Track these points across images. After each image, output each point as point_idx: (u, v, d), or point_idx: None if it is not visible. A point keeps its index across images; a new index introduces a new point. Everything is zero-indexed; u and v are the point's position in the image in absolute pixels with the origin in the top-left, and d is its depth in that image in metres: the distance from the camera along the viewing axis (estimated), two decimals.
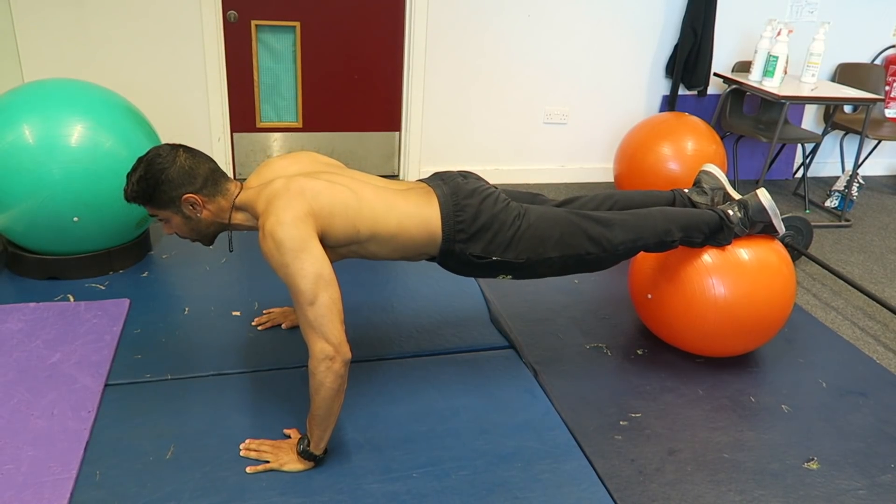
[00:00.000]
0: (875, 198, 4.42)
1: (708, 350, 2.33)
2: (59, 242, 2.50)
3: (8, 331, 2.22)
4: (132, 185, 1.76)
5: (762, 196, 2.17)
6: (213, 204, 1.79)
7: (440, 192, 1.87)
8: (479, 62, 3.89)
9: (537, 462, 1.85)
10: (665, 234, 2.08)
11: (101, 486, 1.67)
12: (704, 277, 2.19)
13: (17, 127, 2.35)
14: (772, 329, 2.27)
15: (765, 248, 2.23)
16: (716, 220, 2.16)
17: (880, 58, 4.46)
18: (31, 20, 3.25)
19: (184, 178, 1.74)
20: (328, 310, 1.62)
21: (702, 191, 2.34)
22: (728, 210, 2.19)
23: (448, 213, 1.84)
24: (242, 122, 3.76)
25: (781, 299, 2.22)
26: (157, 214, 1.81)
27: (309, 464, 1.76)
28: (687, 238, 2.12)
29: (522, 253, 1.90)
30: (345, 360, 1.64)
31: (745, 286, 2.17)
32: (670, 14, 4.03)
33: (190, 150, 1.79)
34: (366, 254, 1.85)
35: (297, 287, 1.61)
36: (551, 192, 4.09)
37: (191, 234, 1.86)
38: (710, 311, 2.19)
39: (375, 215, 1.78)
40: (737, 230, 2.18)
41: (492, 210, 1.87)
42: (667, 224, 2.08)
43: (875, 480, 1.90)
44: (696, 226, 2.13)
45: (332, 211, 1.72)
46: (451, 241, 1.85)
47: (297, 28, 3.63)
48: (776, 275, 2.21)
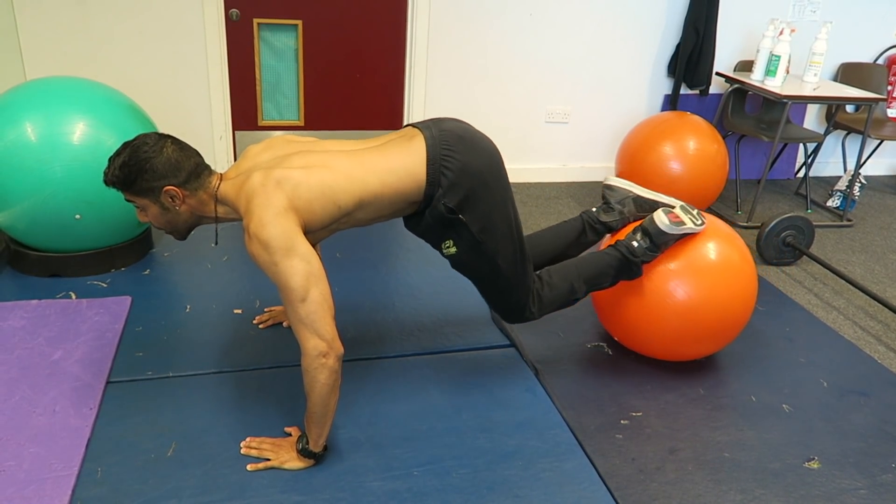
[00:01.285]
0: (877, 198, 4.42)
1: (671, 354, 2.27)
2: (62, 240, 2.50)
3: (10, 328, 2.22)
4: (114, 169, 1.72)
5: (658, 220, 2.07)
6: (194, 198, 1.76)
7: (428, 135, 1.80)
8: (480, 61, 3.89)
9: (538, 461, 1.85)
10: (570, 293, 2.06)
11: (102, 483, 1.67)
12: (665, 281, 2.12)
13: (20, 124, 2.36)
14: (735, 329, 2.21)
15: (727, 247, 2.15)
16: (619, 260, 2.09)
17: (883, 57, 4.45)
18: (33, 18, 3.26)
19: (168, 169, 1.71)
20: (319, 306, 1.61)
21: (608, 208, 2.27)
22: (632, 242, 2.10)
23: (435, 157, 1.77)
24: (244, 120, 3.77)
25: (743, 298, 2.15)
26: (133, 201, 1.77)
27: (309, 462, 1.76)
28: (594, 287, 2.10)
29: (485, 233, 1.84)
30: (338, 355, 1.63)
31: (706, 288, 2.10)
32: (672, 13, 4.03)
33: (178, 142, 1.76)
34: (355, 223, 1.81)
35: (288, 285, 1.60)
36: (553, 191, 4.10)
37: (166, 226, 1.82)
38: (671, 315, 2.12)
39: (353, 185, 1.73)
40: (645, 259, 2.10)
41: (482, 169, 1.81)
42: (570, 282, 2.06)
43: (876, 480, 1.90)
44: (600, 272, 2.09)
45: (310, 199, 1.68)
46: (434, 186, 1.77)
47: (299, 26, 3.63)
48: (738, 274, 2.14)
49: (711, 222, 2.22)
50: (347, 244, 2.90)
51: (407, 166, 1.77)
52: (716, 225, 2.22)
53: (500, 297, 1.99)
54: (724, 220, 3.77)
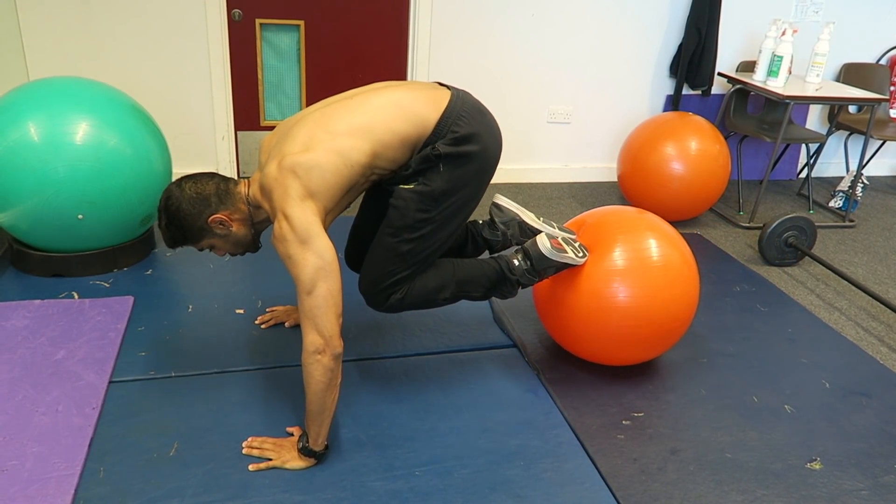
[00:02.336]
0: (879, 198, 4.41)
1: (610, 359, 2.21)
2: (64, 240, 2.51)
3: (13, 328, 2.23)
4: (164, 233, 1.83)
5: (541, 244, 2.00)
6: (237, 213, 1.82)
7: (455, 96, 1.82)
8: (482, 61, 3.89)
9: (540, 461, 1.85)
10: (438, 290, 1.94)
11: (105, 483, 1.67)
12: (607, 284, 2.05)
13: (23, 125, 2.36)
14: (677, 333, 2.15)
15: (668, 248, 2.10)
16: (497, 272, 2.02)
17: (885, 58, 4.44)
18: (36, 18, 3.26)
19: (198, 205, 1.78)
20: (324, 301, 1.62)
21: (493, 226, 2.18)
22: (513, 259, 2.03)
23: (452, 114, 1.78)
24: (246, 120, 3.77)
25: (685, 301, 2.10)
26: (201, 247, 1.86)
27: (311, 461, 1.76)
28: (464, 294, 2.00)
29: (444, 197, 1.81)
30: (334, 353, 1.64)
31: (648, 290, 2.04)
32: (674, 13, 4.03)
33: (191, 177, 1.82)
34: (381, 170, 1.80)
35: (297, 276, 1.63)
36: (554, 191, 4.10)
37: (237, 249, 1.90)
38: (613, 318, 2.06)
39: (359, 136, 1.72)
40: (523, 280, 2.03)
41: (484, 150, 1.82)
42: (441, 279, 1.95)
43: (878, 481, 1.90)
44: (474, 280, 2.00)
45: (324, 176, 1.68)
46: (437, 137, 1.77)
47: (301, 26, 3.63)
48: (678, 277, 2.08)
49: (656, 222, 2.16)
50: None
51: (421, 113, 1.78)
52: (659, 226, 2.16)
53: (388, 264, 1.86)
54: (725, 220, 3.78)
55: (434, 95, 1.82)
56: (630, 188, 3.65)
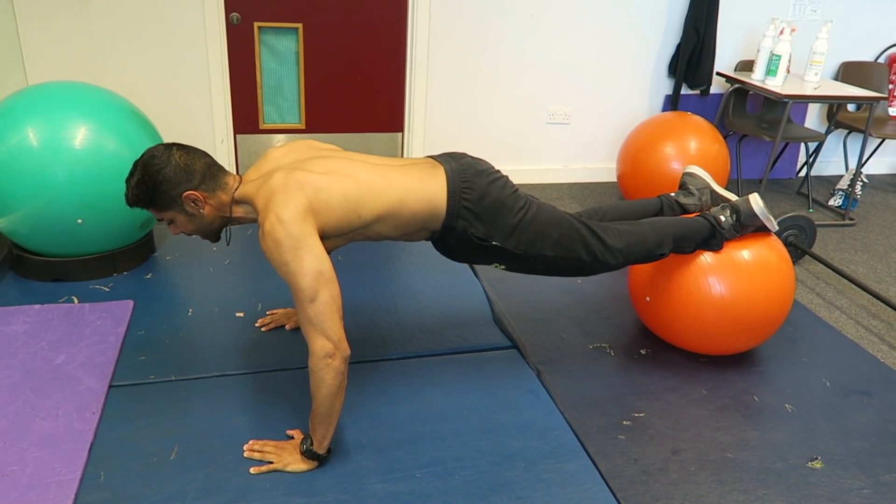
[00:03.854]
0: (879, 196, 4.41)
1: (708, 349, 2.33)
2: (64, 244, 2.51)
3: (13, 332, 2.23)
4: (132, 189, 1.76)
5: (754, 203, 2.16)
6: (214, 199, 1.79)
7: (448, 168, 1.86)
8: (481, 62, 3.90)
9: (540, 462, 1.85)
10: (657, 246, 2.09)
11: (105, 487, 1.67)
12: (703, 277, 2.19)
13: (22, 130, 2.36)
14: (771, 327, 2.27)
15: (763, 247, 2.23)
16: (707, 228, 2.16)
17: (884, 56, 4.44)
18: (34, 23, 3.27)
19: (181, 175, 1.73)
20: (328, 307, 1.62)
21: (688, 192, 2.36)
22: (720, 216, 2.18)
23: (455, 189, 1.83)
24: (245, 123, 3.77)
25: (780, 297, 2.22)
26: (161, 217, 1.81)
27: (312, 464, 1.76)
28: (678, 248, 2.15)
29: (522, 244, 1.90)
30: (344, 356, 1.64)
31: (743, 285, 2.17)
32: (673, 13, 4.03)
33: (184, 147, 1.78)
34: (372, 235, 1.84)
35: (297, 285, 1.61)
36: (554, 192, 4.10)
37: (196, 232, 1.86)
38: (708, 310, 2.19)
39: (375, 197, 1.76)
40: (728, 235, 2.18)
41: (499, 194, 1.87)
42: (658, 236, 2.09)
43: (879, 480, 1.90)
44: (687, 235, 2.14)
45: (330, 203, 1.70)
46: (454, 218, 1.83)
47: (299, 29, 3.64)
48: (775, 273, 2.21)
49: None
50: (349, 246, 2.90)
51: (427, 192, 1.82)
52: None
53: (572, 271, 2.03)
54: None
55: (434, 175, 1.85)
56: (630, 188, 3.65)
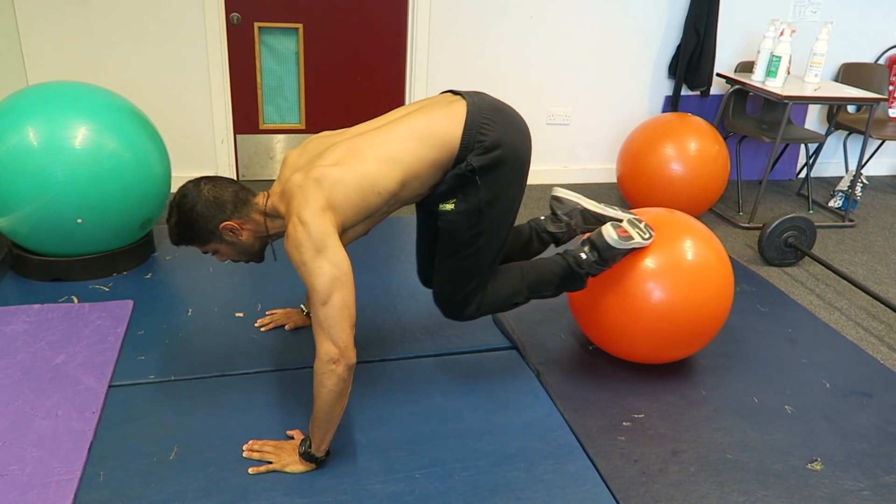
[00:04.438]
0: (879, 198, 4.41)
1: (648, 357, 2.24)
2: (64, 244, 2.51)
3: (13, 332, 2.23)
4: (172, 230, 1.82)
5: (606, 235, 2.04)
6: (250, 223, 1.83)
7: (470, 102, 1.82)
8: (481, 63, 3.90)
9: (540, 463, 1.85)
10: (511, 297, 2.00)
11: (105, 487, 1.67)
12: (643, 283, 2.09)
13: (22, 129, 2.36)
14: (711, 332, 2.18)
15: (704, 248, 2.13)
16: (564, 269, 2.06)
17: (884, 57, 4.45)
18: (34, 23, 3.26)
19: (213, 209, 1.77)
20: (339, 311, 1.62)
21: (556, 219, 2.22)
22: (580, 253, 2.06)
23: (473, 124, 1.78)
24: (245, 123, 3.77)
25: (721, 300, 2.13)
26: (205, 249, 1.85)
27: (311, 465, 1.76)
28: (536, 294, 2.05)
29: (489, 206, 1.83)
30: (348, 364, 1.64)
31: (683, 289, 2.07)
32: (673, 14, 4.03)
33: (211, 179, 1.82)
34: (406, 200, 1.84)
35: (313, 286, 1.62)
36: None
37: (241, 257, 1.90)
38: (648, 317, 2.09)
39: (390, 166, 1.74)
40: (592, 271, 2.07)
41: (513, 151, 1.82)
42: (512, 286, 2.00)
43: (879, 481, 1.90)
44: (544, 279, 2.04)
45: (348, 194, 1.70)
46: (466, 151, 1.78)
47: (299, 30, 3.64)
48: (714, 275, 2.12)
49: (688, 222, 2.20)
50: (349, 247, 2.90)
51: (442, 133, 1.78)
52: (692, 225, 2.19)
53: (456, 280, 1.92)
54: (725, 221, 3.78)
55: (451, 111, 1.81)
56: (629, 189, 3.65)
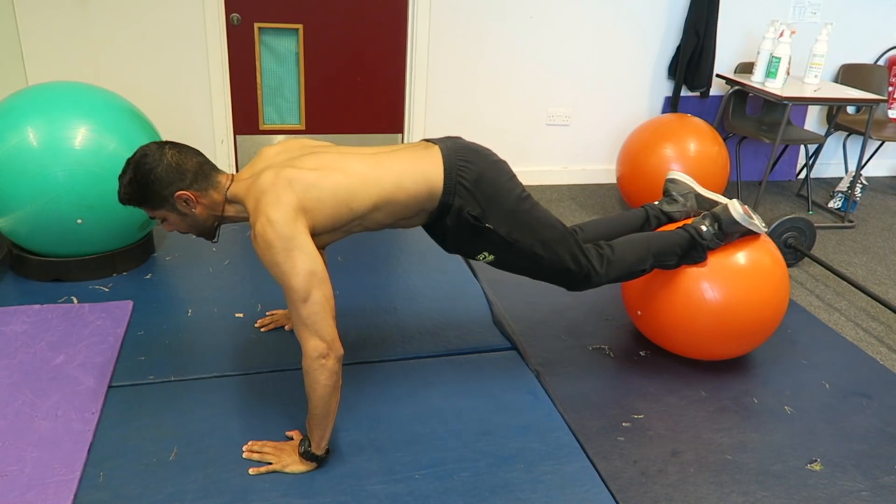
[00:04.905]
0: (878, 199, 4.42)
1: (704, 355, 2.31)
2: (63, 244, 2.51)
3: (12, 332, 2.23)
4: (123, 187, 1.76)
5: (733, 210, 2.13)
6: (206, 198, 1.78)
7: (443, 146, 1.85)
8: (481, 64, 3.90)
9: (540, 463, 1.85)
10: (637, 263, 2.08)
11: (104, 488, 1.67)
12: (696, 282, 2.16)
13: (21, 129, 2.36)
14: (766, 331, 2.25)
15: (757, 250, 2.20)
16: (687, 240, 2.13)
17: (883, 58, 4.45)
18: (34, 23, 3.27)
19: (173, 175, 1.72)
20: (321, 307, 1.62)
21: (672, 199, 2.33)
22: (700, 226, 2.15)
23: (451, 165, 1.81)
24: (245, 124, 3.77)
25: (774, 301, 2.19)
26: (153, 215, 1.80)
27: (311, 465, 1.76)
28: (659, 263, 2.13)
29: (514, 233, 1.88)
30: (338, 356, 1.64)
31: (737, 290, 2.14)
32: (673, 15, 4.04)
33: (177, 145, 1.77)
34: (371, 225, 1.83)
35: (290, 285, 1.61)
36: (554, 193, 4.10)
37: (190, 230, 1.85)
38: (702, 317, 2.16)
39: (367, 186, 1.74)
40: (711, 245, 2.14)
41: (496, 175, 1.85)
42: (636, 254, 2.08)
43: (878, 482, 1.90)
44: (666, 249, 2.12)
45: (321, 200, 1.69)
46: (451, 195, 1.80)
47: (299, 30, 3.64)
48: (769, 277, 2.19)
49: None
50: (348, 248, 2.90)
51: (424, 171, 1.80)
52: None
53: (555, 278, 2.01)
54: None
55: (429, 153, 1.84)
56: (629, 190, 3.65)
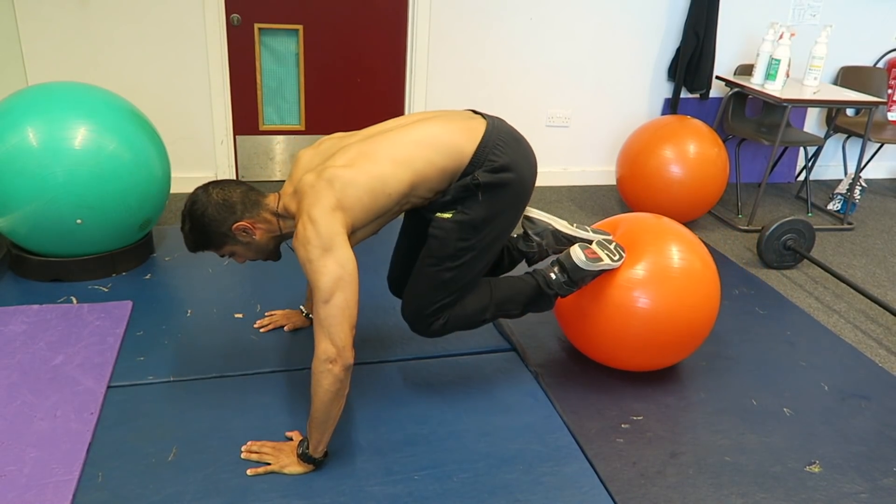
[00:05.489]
0: (877, 201, 4.42)
1: (633, 364, 2.22)
2: (63, 245, 2.51)
3: (11, 333, 2.23)
4: (187, 237, 1.83)
5: (574, 256, 2.02)
6: (261, 222, 1.83)
7: (490, 123, 1.85)
8: (481, 65, 3.90)
9: (539, 465, 1.85)
10: (478, 313, 1.98)
11: (103, 488, 1.67)
12: (628, 291, 2.06)
13: (21, 130, 2.36)
14: (699, 338, 2.16)
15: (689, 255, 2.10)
16: (534, 288, 2.05)
17: (883, 61, 4.45)
18: (35, 23, 3.27)
19: (224, 212, 1.78)
20: (340, 311, 1.63)
21: (527, 238, 2.18)
22: (549, 273, 2.06)
23: (488, 143, 1.81)
24: (245, 124, 3.77)
25: (707, 307, 2.11)
26: (222, 253, 1.86)
27: (309, 466, 1.76)
28: (503, 313, 2.03)
29: (485, 224, 1.84)
30: (345, 364, 1.64)
31: (669, 297, 2.05)
32: (672, 17, 4.04)
33: (219, 182, 1.83)
34: (416, 201, 1.84)
35: (317, 284, 1.63)
36: (553, 194, 4.10)
37: (258, 256, 1.91)
38: (634, 325, 2.07)
39: (400, 168, 1.75)
40: (561, 292, 2.06)
41: (516, 175, 1.84)
42: (480, 302, 1.97)
43: (877, 484, 1.90)
44: (512, 298, 2.03)
45: (359, 196, 1.71)
46: (475, 166, 1.80)
47: (299, 31, 3.64)
48: (700, 281, 2.09)
49: (674, 227, 2.18)
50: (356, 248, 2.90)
51: (458, 145, 1.80)
52: (678, 231, 2.18)
53: (431, 291, 1.90)
54: (724, 223, 3.79)
55: (469, 126, 1.84)
56: (629, 191, 3.65)
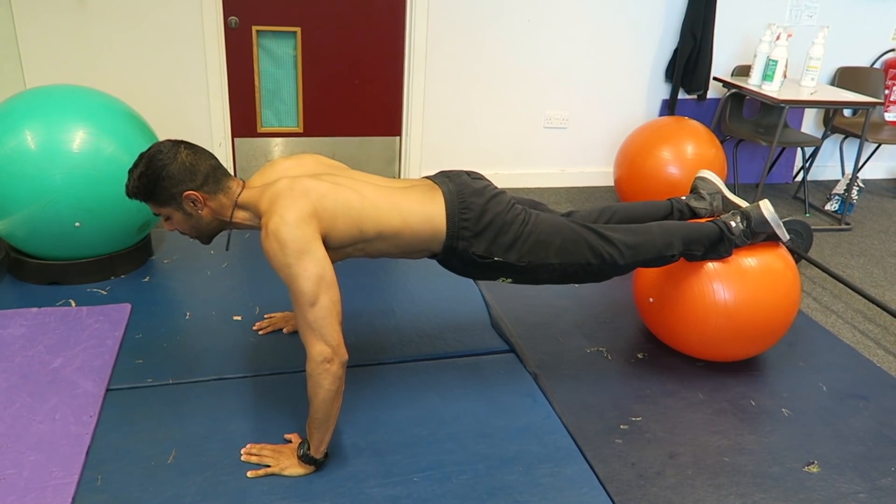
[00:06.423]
0: (875, 201, 4.43)
1: (710, 355, 2.33)
2: (61, 248, 2.51)
3: (10, 336, 2.23)
4: (133, 181, 1.76)
5: (765, 208, 2.15)
6: (215, 201, 1.79)
7: (446, 189, 1.88)
8: (479, 67, 3.91)
9: (538, 466, 1.85)
10: (665, 248, 2.08)
11: (102, 491, 1.67)
12: (708, 282, 2.18)
13: (20, 133, 2.36)
14: (775, 334, 2.27)
15: (769, 254, 2.22)
16: (716, 233, 2.15)
17: (880, 61, 4.47)
18: (33, 26, 3.27)
19: (184, 174, 1.74)
20: (328, 312, 1.62)
21: (699, 196, 2.34)
22: (730, 221, 2.17)
23: (453, 211, 1.85)
24: (243, 127, 3.78)
25: (785, 304, 2.21)
26: (158, 212, 1.81)
27: (310, 468, 1.76)
28: (687, 251, 2.13)
29: (524, 256, 1.91)
30: (342, 361, 1.64)
31: (748, 291, 2.16)
32: (670, 18, 4.05)
33: (192, 146, 1.79)
34: (372, 251, 1.86)
35: (299, 288, 1.62)
36: (551, 196, 4.11)
37: (191, 232, 1.86)
38: (712, 316, 2.18)
39: (379, 214, 1.79)
40: (738, 241, 2.17)
41: (496, 210, 1.88)
42: (667, 238, 2.08)
43: (875, 484, 1.90)
44: (696, 239, 2.13)
45: (335, 213, 1.73)
46: (454, 239, 1.86)
47: (297, 33, 3.64)
48: (780, 280, 2.21)
49: None
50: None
51: (428, 213, 1.84)
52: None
53: (580, 277, 2.01)
54: None
55: (433, 197, 1.88)
56: (627, 193, 3.66)
